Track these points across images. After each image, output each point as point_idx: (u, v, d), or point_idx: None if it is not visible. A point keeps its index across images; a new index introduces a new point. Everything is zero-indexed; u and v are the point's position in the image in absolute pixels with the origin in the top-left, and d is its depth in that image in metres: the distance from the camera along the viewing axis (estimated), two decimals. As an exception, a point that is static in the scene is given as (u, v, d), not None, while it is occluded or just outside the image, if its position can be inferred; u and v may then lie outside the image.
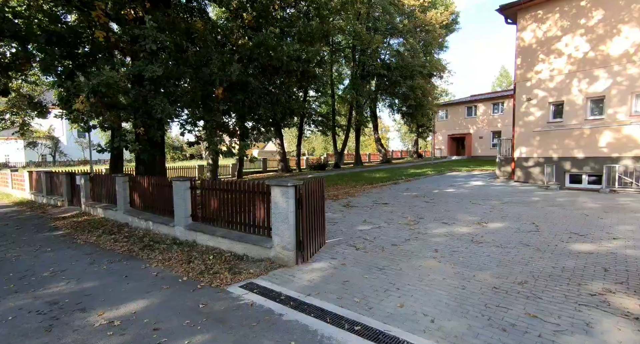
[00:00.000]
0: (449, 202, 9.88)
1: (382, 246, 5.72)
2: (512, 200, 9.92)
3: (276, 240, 5.01)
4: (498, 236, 6.10)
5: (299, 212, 4.94)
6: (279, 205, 4.92)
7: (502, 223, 7.17)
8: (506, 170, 15.80)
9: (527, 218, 7.57)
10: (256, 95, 7.29)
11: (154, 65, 5.57)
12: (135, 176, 8.27)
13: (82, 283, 4.49)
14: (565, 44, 12.82)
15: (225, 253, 5.59)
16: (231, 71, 6.28)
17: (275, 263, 4.97)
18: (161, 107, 5.78)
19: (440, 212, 8.46)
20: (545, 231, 6.37)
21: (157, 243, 6.40)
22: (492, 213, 8.14)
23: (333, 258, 5.21)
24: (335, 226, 7.20)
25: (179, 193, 6.66)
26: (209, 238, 6.07)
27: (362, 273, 4.53)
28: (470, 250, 5.40)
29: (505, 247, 5.47)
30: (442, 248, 5.56)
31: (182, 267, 4.96)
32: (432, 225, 7.11)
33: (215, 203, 6.22)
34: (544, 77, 13.51)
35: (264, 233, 5.42)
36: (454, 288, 3.97)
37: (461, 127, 35.77)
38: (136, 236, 7.01)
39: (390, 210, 8.90)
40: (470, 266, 4.67)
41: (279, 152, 24.52)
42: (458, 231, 6.54)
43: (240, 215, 5.77)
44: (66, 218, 9.37)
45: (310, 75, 7.88)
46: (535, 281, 4.07)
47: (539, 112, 13.76)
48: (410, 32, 26.19)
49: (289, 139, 56.54)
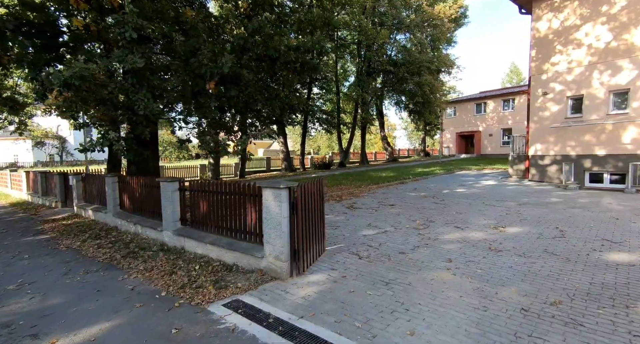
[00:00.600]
0: (460, 203, 9.21)
1: (389, 255, 5.11)
2: (529, 201, 9.20)
3: (268, 249, 4.43)
4: (519, 243, 5.44)
5: (294, 218, 4.36)
6: (271, 210, 4.35)
7: (522, 227, 6.50)
8: (519, 168, 15.01)
9: (548, 221, 6.87)
10: (251, 88, 6.71)
11: (135, 55, 5.03)
12: (124, 176, 7.79)
13: (47, 298, 3.98)
14: (585, 33, 11.99)
15: (214, 262, 5.04)
16: (222, 63, 5.72)
17: (267, 275, 4.40)
18: (144, 103, 5.24)
19: (452, 215, 7.80)
20: (571, 237, 5.69)
21: (143, 249, 5.89)
22: (509, 216, 7.46)
23: (333, 268, 4.62)
24: (337, 231, 6.61)
25: (167, 195, 6.14)
26: (197, 244, 5.54)
27: (365, 288, 3.93)
28: (489, 259, 4.76)
29: (529, 256, 4.81)
30: (456, 257, 4.93)
31: (164, 279, 4.43)
32: (443, 230, 6.47)
33: (204, 206, 5.68)
34: (561, 70, 12.69)
35: (255, 240, 4.85)
36: (473, 309, 3.35)
37: (470, 125, 34.77)
38: (122, 241, 6.51)
39: (397, 212, 8.27)
40: (491, 280, 4.03)
41: (283, 150, 23.98)
42: (473, 237, 5.89)
43: (230, 220, 5.22)
44: (56, 220, 8.94)
45: (311, 67, 7.30)
46: (572, 301, 3.42)
47: (555, 106, 12.95)
48: (417, 27, 25.40)
49: (293, 138, 56.09)
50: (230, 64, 5.74)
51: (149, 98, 5.35)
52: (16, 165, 46.12)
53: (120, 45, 5.31)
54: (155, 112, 5.33)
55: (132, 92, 5.35)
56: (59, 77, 4.72)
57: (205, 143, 6.63)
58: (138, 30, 5.14)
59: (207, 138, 6.66)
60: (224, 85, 6.30)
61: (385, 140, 35.39)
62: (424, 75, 25.54)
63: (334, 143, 51.80)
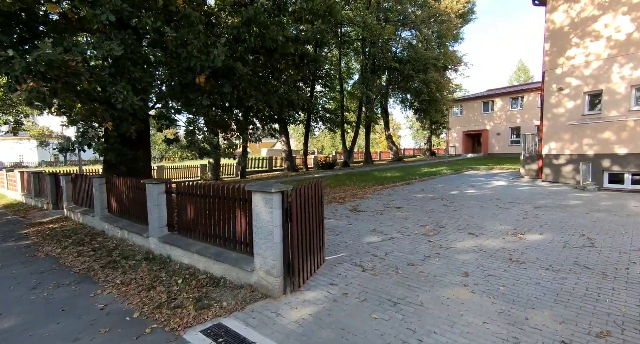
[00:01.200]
0: (471, 206, 8.58)
1: (396, 267, 4.54)
2: (547, 204, 8.55)
3: (258, 261, 3.88)
4: (543, 254, 4.83)
5: (288, 226, 3.81)
6: (261, 217, 3.79)
7: (543, 234, 5.87)
8: (531, 168, 14.30)
9: (572, 227, 6.24)
10: (245, 83, 6.16)
11: (112, 42, 4.49)
12: (111, 177, 7.29)
13: (1, 320, 3.46)
14: (604, 24, 11.26)
15: (200, 274, 4.51)
16: (214, 55, 5.17)
17: (257, 292, 3.85)
18: (122, 95, 4.70)
19: (464, 219, 7.19)
20: (603, 246, 5.06)
21: (126, 258, 5.37)
22: (527, 221, 6.83)
23: (333, 283, 4.06)
24: (338, 237, 6.04)
25: (152, 198, 5.62)
26: (183, 253, 5.00)
27: (369, 310, 3.36)
28: (512, 273, 4.16)
29: (558, 270, 4.20)
30: (473, 269, 4.33)
31: (140, 296, 3.90)
32: (455, 236, 5.87)
33: (191, 211, 5.15)
34: (577, 63, 11.97)
35: (245, 250, 4.31)
36: (502, 340, 2.76)
37: (477, 123, 33.92)
38: (106, 248, 6.01)
39: (404, 215, 7.68)
40: (518, 300, 3.44)
41: (285, 150, 23.45)
42: (490, 246, 5.29)
43: (219, 227, 4.68)
44: (43, 223, 8.49)
45: (311, 59, 6.74)
46: (622, 331, 2.82)
47: (571, 102, 12.23)
48: (424, 22, 24.67)
49: (296, 138, 55.59)
50: (224, 57, 5.20)
51: (129, 90, 4.81)
52: (21, 165, 46.21)
53: (98, 31, 4.77)
54: (136, 106, 4.81)
55: (109, 84, 4.81)
56: (20, 63, 4.18)
57: (193, 143, 6.10)
58: (117, 12, 4.59)
59: (195, 138, 6.13)
60: (216, 80, 5.76)
61: (390, 139, 34.71)
62: (430, 72, 24.83)
63: (337, 142, 51.21)
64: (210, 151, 6.33)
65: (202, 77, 5.63)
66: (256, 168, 25.48)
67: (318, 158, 28.33)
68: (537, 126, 29.00)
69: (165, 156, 53.92)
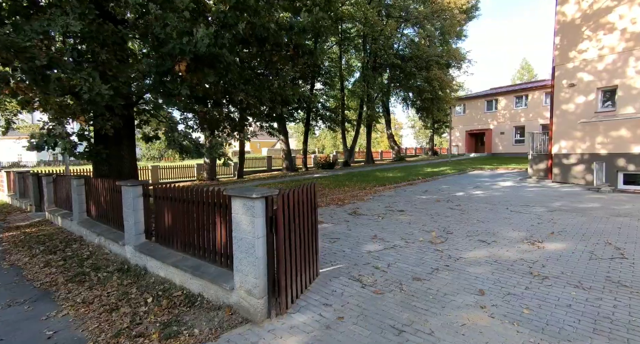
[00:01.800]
0: (480, 209, 7.99)
1: (400, 282, 3.95)
2: (561, 207, 7.94)
3: (239, 279, 3.30)
4: (568, 267, 4.23)
5: (274, 237, 3.23)
6: (242, 227, 3.22)
7: (563, 242, 5.27)
8: (540, 168, 13.69)
9: (594, 234, 5.64)
10: (235, 74, 5.59)
11: (68, 17, 3.89)
12: (90, 178, 6.74)
13: None
14: (618, 15, 10.64)
15: (176, 290, 3.93)
16: (197, 39, 4.59)
17: (236, 315, 3.27)
18: (88, 84, 4.13)
19: (473, 223, 6.60)
20: (636, 258, 4.46)
21: (97, 269, 4.81)
22: (543, 226, 6.23)
23: (326, 303, 3.47)
24: (335, 245, 5.46)
25: (128, 202, 5.05)
26: (159, 265, 4.43)
27: (369, 340, 2.78)
28: (535, 292, 3.57)
29: (589, 288, 3.61)
30: (489, 286, 3.75)
31: (100, 319, 3.32)
32: (465, 244, 5.28)
33: (169, 217, 4.58)
34: (590, 57, 11.35)
35: (226, 263, 3.73)
36: (536, 389, 2.18)
37: (480, 122, 33.29)
38: (79, 257, 5.44)
39: (408, 220, 7.09)
40: (548, 329, 2.85)
41: (283, 149, 22.88)
42: (505, 256, 4.70)
43: (198, 235, 4.11)
44: (20, 227, 7.94)
45: (306, 51, 6.17)
46: (690, 378, 2.23)
47: (583, 99, 11.61)
48: (427, 18, 24.04)
49: (296, 137, 55.04)
50: (208, 41, 4.63)
51: (95, 78, 4.22)
52: (18, 165, 45.78)
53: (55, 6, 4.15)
54: (105, 96, 4.23)
55: (72, 69, 4.22)
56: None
57: (173, 141, 5.53)
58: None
59: (174, 135, 5.56)
60: (200, 69, 5.19)
61: (392, 138, 34.11)
62: (433, 70, 24.23)
63: (338, 142, 50.65)
64: (192, 149, 5.77)
65: (182, 64, 5.06)
66: (255, 168, 24.93)
67: (318, 157, 27.74)
68: (542, 125, 28.43)
69: (164, 156, 53.36)
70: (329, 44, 23.97)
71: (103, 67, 4.74)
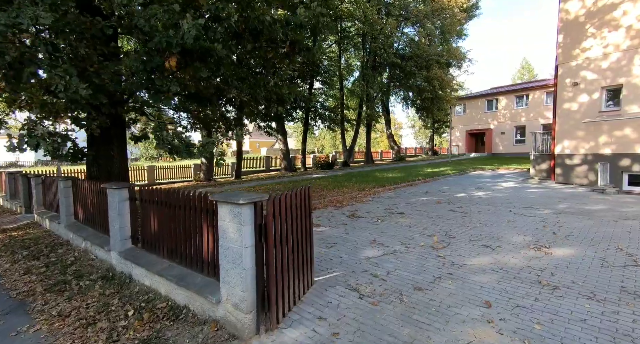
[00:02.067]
0: (482, 212, 7.74)
1: (400, 292, 3.70)
2: (566, 209, 7.70)
3: (225, 291, 3.05)
4: (579, 275, 3.98)
5: (263, 247, 2.98)
6: (228, 235, 2.96)
7: (572, 247, 5.02)
8: (542, 168, 13.45)
9: (603, 238, 5.39)
10: (228, 70, 5.32)
11: (38, 7, 3.60)
12: (78, 180, 6.48)
13: None
14: (623, 11, 10.40)
15: (160, 301, 3.68)
16: (184, 30, 4.32)
17: (222, 331, 3.01)
18: (64, 82, 3.85)
19: (475, 227, 6.35)
20: (649, 265, 4.21)
21: (80, 277, 4.55)
22: (548, 230, 5.98)
23: (321, 317, 3.22)
24: (332, 250, 5.21)
25: (114, 206, 4.79)
26: (145, 273, 4.17)
27: (366, 362, 2.52)
28: (545, 303, 3.32)
29: (604, 300, 3.36)
30: (495, 297, 3.50)
31: (74, 335, 3.07)
32: (468, 250, 5.03)
33: (155, 222, 4.32)
34: (594, 56, 11.11)
35: (213, 273, 3.48)
36: None
37: (480, 122, 33.05)
38: (63, 263, 5.18)
39: (408, 223, 6.84)
40: (563, 349, 2.60)
41: (282, 149, 22.62)
42: (511, 263, 4.44)
43: (184, 242, 3.85)
44: (7, 231, 7.67)
45: (303, 47, 5.91)
46: None
47: (587, 98, 11.38)
48: (427, 16, 23.78)
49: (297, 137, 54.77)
50: (195, 32, 4.35)
51: (73, 75, 3.95)
52: (16, 164, 45.45)
53: None
54: (84, 95, 3.95)
55: (47, 66, 3.95)
56: None
57: (161, 140, 5.27)
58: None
59: (163, 135, 5.29)
60: (190, 64, 4.92)
61: (392, 138, 33.86)
62: (434, 69, 23.98)
63: (338, 142, 50.36)
64: (182, 149, 5.51)
65: (172, 60, 4.78)
66: (253, 168, 24.69)
67: (317, 157, 27.48)
68: (543, 125, 28.20)
69: (164, 156, 53.06)
70: (327, 43, 23.71)
71: (84, 64, 4.46)
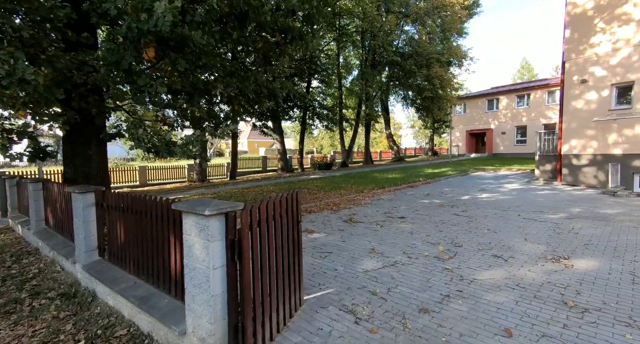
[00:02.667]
0: (488, 216, 7.21)
1: (403, 314, 3.16)
2: (579, 213, 7.17)
3: (191, 322, 2.50)
4: (609, 294, 3.45)
5: (237, 267, 2.43)
6: (194, 253, 2.41)
7: (594, 258, 4.49)
8: (547, 169, 12.95)
9: (628, 248, 4.86)
10: (209, 61, 4.77)
11: None
12: (48, 182, 5.91)
13: None
14: (633, 4, 9.89)
15: (123, 326, 3.13)
16: (158, 15, 3.79)
17: (186, 371, 2.46)
18: (8, 67, 3.29)
19: (483, 234, 5.82)
20: (688, 282, 3.68)
21: (37, 294, 3.99)
22: (563, 237, 5.45)
23: (309, 349, 2.67)
24: (327, 262, 4.66)
25: (78, 212, 4.23)
26: (108, 291, 3.62)
27: None
28: (577, 333, 2.78)
29: (645, 327, 2.82)
30: (515, 323, 2.96)
31: (7, 374, 2.52)
32: (478, 261, 4.49)
33: (122, 232, 3.76)
34: (603, 52, 10.60)
35: (180, 295, 2.92)
36: None
37: (481, 122, 32.56)
38: (23, 276, 4.62)
39: (410, 229, 6.30)
40: (611, 400, 2.06)
41: (279, 149, 22.07)
42: (528, 278, 3.90)
43: (150, 256, 3.30)
44: (-24, 237, 7.10)
45: (295, 35, 5.38)
46: None
47: (596, 96, 10.87)
48: (427, 14, 23.27)
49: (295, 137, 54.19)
50: (171, 18, 3.83)
51: (20, 59, 3.38)
52: (10, 165, 44.74)
53: None
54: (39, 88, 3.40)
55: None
56: None
57: (137, 139, 4.72)
58: None
59: (139, 133, 4.74)
60: (167, 54, 4.39)
61: (391, 138, 33.36)
62: (434, 68, 23.46)
63: (336, 141, 49.81)
64: (162, 148, 4.96)
65: (150, 50, 4.24)
66: (250, 168, 24.10)
67: (315, 157, 26.93)
68: (545, 125, 27.73)
69: (161, 156, 52.26)
70: (325, 40, 23.18)
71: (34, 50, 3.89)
